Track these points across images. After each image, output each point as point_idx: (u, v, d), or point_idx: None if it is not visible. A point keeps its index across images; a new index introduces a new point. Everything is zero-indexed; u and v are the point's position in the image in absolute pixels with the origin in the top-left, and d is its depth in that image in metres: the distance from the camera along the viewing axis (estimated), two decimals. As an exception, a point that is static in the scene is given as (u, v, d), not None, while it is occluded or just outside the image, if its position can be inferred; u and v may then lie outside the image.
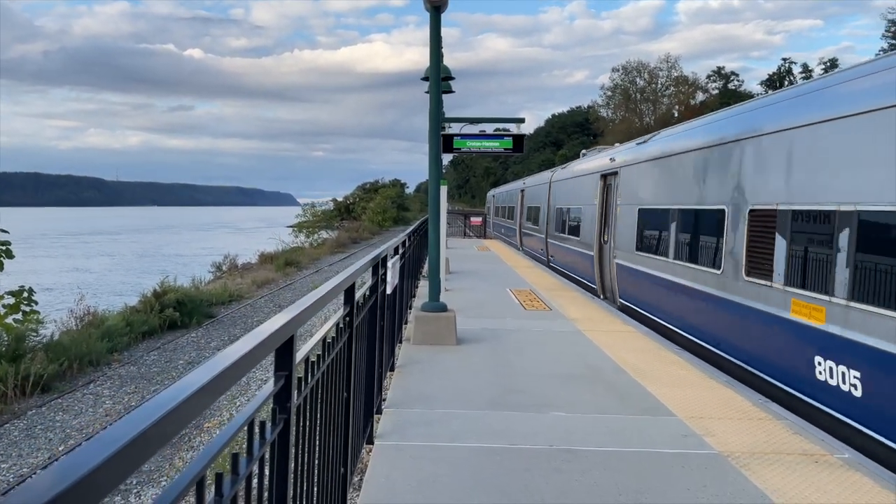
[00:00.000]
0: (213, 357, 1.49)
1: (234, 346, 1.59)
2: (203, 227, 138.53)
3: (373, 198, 72.87)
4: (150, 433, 1.04)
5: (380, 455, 4.67)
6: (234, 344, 1.62)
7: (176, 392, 1.18)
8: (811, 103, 6.67)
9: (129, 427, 1.02)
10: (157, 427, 1.06)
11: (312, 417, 2.62)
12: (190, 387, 1.20)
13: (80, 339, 14.73)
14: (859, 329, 5.39)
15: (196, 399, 1.23)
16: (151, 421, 1.05)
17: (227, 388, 1.46)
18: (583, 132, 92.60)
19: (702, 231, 8.86)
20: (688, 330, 9.07)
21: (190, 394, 1.19)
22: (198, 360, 15.42)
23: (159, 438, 1.08)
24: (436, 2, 7.97)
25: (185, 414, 1.21)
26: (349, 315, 3.49)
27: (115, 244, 75.40)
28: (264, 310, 22.18)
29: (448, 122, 12.92)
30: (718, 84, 78.69)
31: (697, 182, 9.07)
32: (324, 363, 2.78)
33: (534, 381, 6.73)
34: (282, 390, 2.05)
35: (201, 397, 1.26)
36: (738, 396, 6.29)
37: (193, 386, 1.21)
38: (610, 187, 13.49)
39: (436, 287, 8.77)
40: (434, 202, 8.76)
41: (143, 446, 1.02)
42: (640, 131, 59.52)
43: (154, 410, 1.10)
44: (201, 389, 1.23)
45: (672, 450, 4.86)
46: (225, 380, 1.43)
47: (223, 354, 1.52)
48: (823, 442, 5.05)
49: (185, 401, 1.15)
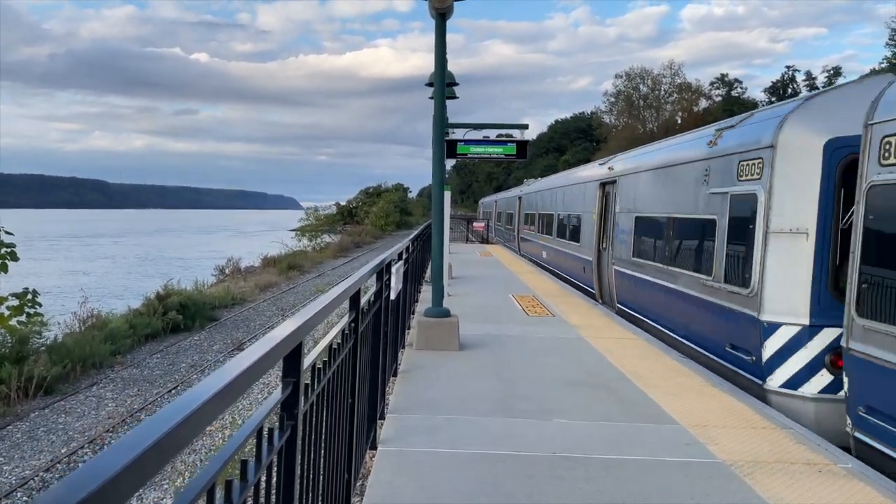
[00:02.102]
0: (224, 365, 1.51)
1: (243, 353, 1.60)
2: (206, 230, 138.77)
3: (376, 202, 72.97)
4: (165, 441, 1.05)
5: (383, 461, 4.67)
6: (244, 352, 1.63)
7: (190, 399, 1.20)
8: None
9: (146, 434, 1.03)
10: (171, 434, 1.08)
11: (318, 424, 2.63)
12: (203, 394, 1.22)
13: (84, 341, 14.76)
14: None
15: (210, 406, 1.24)
16: (168, 428, 1.06)
17: (238, 396, 1.47)
18: (586, 138, 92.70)
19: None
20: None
21: (204, 401, 1.21)
22: (201, 364, 15.44)
23: (174, 445, 1.10)
24: (441, 8, 8.00)
25: (199, 421, 1.22)
26: (355, 321, 3.50)
27: (116, 247, 75.53)
28: (267, 313, 22.20)
29: (452, 128, 12.96)
30: (722, 91, 78.72)
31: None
32: (330, 369, 2.80)
33: (536, 387, 6.74)
34: (289, 397, 2.06)
35: (214, 404, 1.28)
36: (740, 404, 6.28)
37: (207, 393, 1.22)
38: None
39: (439, 292, 8.78)
40: (438, 207, 8.78)
41: (157, 454, 1.04)
42: (643, 138, 59.58)
43: (170, 418, 1.11)
44: (215, 397, 1.24)
45: (675, 458, 4.86)
46: (236, 387, 1.45)
47: (234, 362, 1.54)
48: (827, 451, 5.05)
49: (198, 408, 1.16)
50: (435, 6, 7.95)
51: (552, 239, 20.65)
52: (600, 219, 14.37)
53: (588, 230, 15.54)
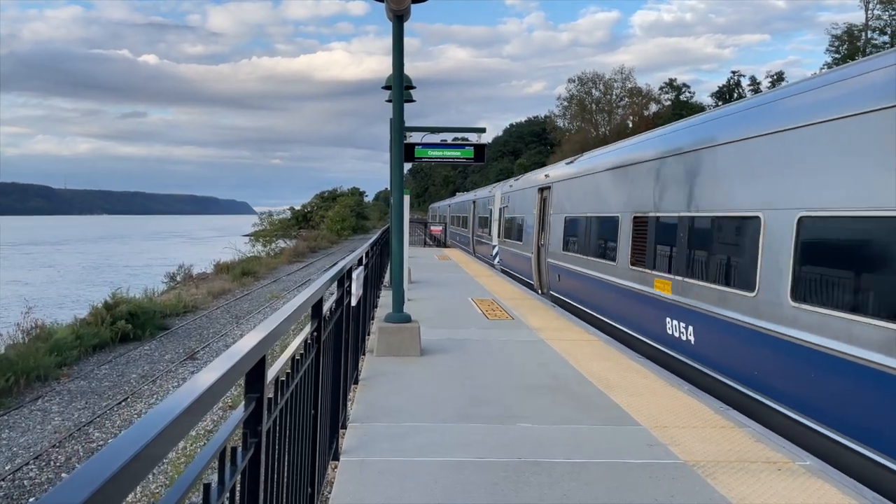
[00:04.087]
0: (183, 387, 1.41)
1: (203, 372, 1.50)
2: (155, 236, 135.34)
3: (331, 206, 72.27)
4: (126, 472, 0.96)
5: (346, 472, 4.56)
6: (204, 370, 1.53)
7: (143, 429, 1.09)
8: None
9: (105, 464, 0.94)
10: (132, 464, 0.98)
11: (281, 438, 2.53)
12: (162, 420, 1.12)
13: (27, 353, 14.19)
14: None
15: (168, 433, 1.14)
16: (127, 458, 0.97)
17: (198, 419, 1.37)
18: (540, 142, 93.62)
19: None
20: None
21: (161, 429, 1.11)
22: (152, 374, 14.99)
23: (133, 477, 1.00)
24: (399, 10, 7.93)
25: (152, 455, 1.12)
26: (317, 330, 3.40)
27: (59, 255, 72.99)
28: (220, 320, 21.72)
29: (409, 132, 12.87)
30: (671, 95, 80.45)
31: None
32: (293, 382, 2.69)
33: (499, 391, 6.70)
34: (253, 414, 1.96)
35: (173, 430, 1.18)
36: (701, 404, 6.36)
37: (166, 418, 1.12)
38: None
39: (399, 298, 8.68)
40: (397, 211, 8.68)
41: (119, 485, 0.94)
42: (595, 141, 60.45)
43: (129, 446, 1.01)
44: (171, 424, 1.14)
45: (639, 460, 4.88)
46: (197, 409, 1.35)
47: (193, 382, 1.44)
48: (785, 449, 5.13)
49: (154, 439, 1.06)
50: (392, 8, 7.87)
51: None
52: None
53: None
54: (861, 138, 5.22)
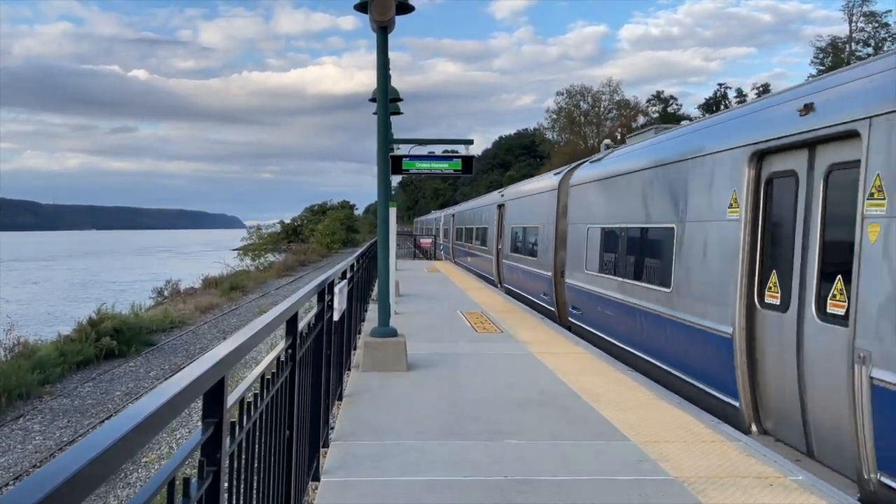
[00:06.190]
0: (121, 413, 1.28)
1: (144, 398, 1.38)
2: (144, 251, 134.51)
3: (321, 220, 72.00)
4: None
5: (326, 493, 4.42)
6: (147, 396, 1.41)
7: (65, 465, 0.97)
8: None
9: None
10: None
11: (249, 463, 2.40)
12: (74, 464, 0.99)
13: (9, 370, 13.93)
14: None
15: (82, 478, 1.02)
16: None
17: (136, 450, 1.25)
18: (529, 154, 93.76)
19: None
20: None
21: (70, 475, 0.99)
22: (136, 391, 14.74)
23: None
24: (382, 22, 7.86)
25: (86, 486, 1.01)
26: (292, 347, 3.27)
27: (45, 271, 72.29)
28: (208, 336, 21.47)
29: (397, 144, 12.79)
30: (658, 108, 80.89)
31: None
32: (262, 403, 2.56)
33: (487, 407, 6.57)
34: (210, 439, 1.83)
35: (99, 466, 1.06)
36: (689, 418, 6.25)
37: (78, 463, 1.00)
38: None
39: (386, 312, 8.55)
40: (383, 224, 8.57)
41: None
42: (584, 153, 60.54)
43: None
44: (95, 461, 1.02)
45: (628, 476, 4.76)
46: (135, 438, 1.23)
47: (134, 408, 1.32)
48: (776, 464, 5.03)
49: (70, 478, 0.94)
50: (376, 20, 7.80)
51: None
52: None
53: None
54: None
